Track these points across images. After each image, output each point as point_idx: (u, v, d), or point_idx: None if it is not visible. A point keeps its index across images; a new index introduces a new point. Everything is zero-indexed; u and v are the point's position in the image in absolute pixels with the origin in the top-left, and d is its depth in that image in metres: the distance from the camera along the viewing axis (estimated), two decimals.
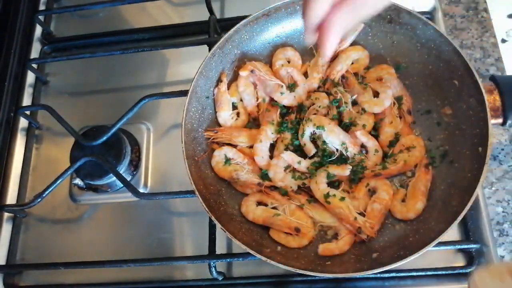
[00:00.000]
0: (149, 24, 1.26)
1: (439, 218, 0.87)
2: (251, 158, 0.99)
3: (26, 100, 1.23)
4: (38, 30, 1.31)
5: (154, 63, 1.23)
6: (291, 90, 1.02)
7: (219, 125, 1.04)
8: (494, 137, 1.04)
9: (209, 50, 1.00)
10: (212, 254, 0.94)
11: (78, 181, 1.07)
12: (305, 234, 0.91)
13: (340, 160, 0.96)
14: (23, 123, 1.20)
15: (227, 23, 1.13)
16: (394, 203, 0.93)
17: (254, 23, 1.03)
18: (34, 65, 1.25)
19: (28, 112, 1.20)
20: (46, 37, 1.31)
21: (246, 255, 0.92)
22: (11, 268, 1.06)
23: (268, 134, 0.99)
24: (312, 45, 1.04)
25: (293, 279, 0.94)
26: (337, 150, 0.96)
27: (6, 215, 1.10)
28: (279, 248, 0.91)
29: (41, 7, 1.34)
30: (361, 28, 1.03)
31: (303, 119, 0.98)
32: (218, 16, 1.22)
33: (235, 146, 1.01)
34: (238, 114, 1.05)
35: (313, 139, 0.98)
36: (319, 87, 1.05)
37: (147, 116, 1.15)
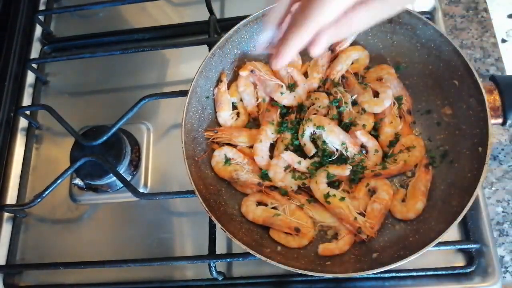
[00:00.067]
0: (149, 24, 1.26)
1: (439, 218, 0.86)
2: (251, 158, 0.99)
3: (26, 100, 1.23)
4: (38, 30, 1.31)
5: (154, 63, 1.22)
6: (291, 90, 1.02)
7: (219, 125, 1.04)
8: (494, 137, 1.04)
9: (209, 50, 1.00)
10: (212, 254, 0.94)
11: (78, 181, 1.07)
12: (305, 234, 0.91)
13: (340, 160, 0.96)
14: (23, 123, 1.20)
15: (227, 23, 1.13)
16: (394, 203, 0.93)
17: (254, 23, 1.02)
18: (34, 65, 1.25)
19: (28, 112, 1.20)
20: (46, 37, 1.31)
21: (246, 255, 0.92)
22: (11, 268, 1.05)
23: (268, 134, 0.99)
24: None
25: (293, 279, 0.94)
26: (337, 150, 0.96)
27: (6, 215, 1.10)
28: (279, 248, 0.91)
29: (41, 7, 1.34)
30: None
31: (303, 119, 0.98)
32: (218, 16, 1.22)
33: (235, 146, 1.01)
34: (238, 114, 1.05)
35: (313, 139, 0.98)
36: (319, 87, 1.05)
37: (147, 116, 1.15)
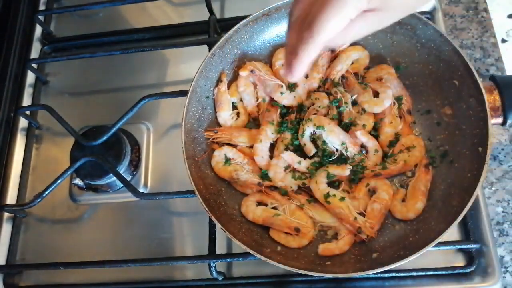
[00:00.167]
0: (149, 24, 1.26)
1: (439, 218, 0.86)
2: (251, 158, 0.99)
3: (26, 100, 1.23)
4: (38, 30, 1.31)
5: (154, 63, 1.22)
6: (291, 90, 1.02)
7: (219, 125, 1.03)
8: (494, 137, 1.04)
9: (209, 50, 1.00)
10: (212, 254, 0.94)
11: (78, 181, 1.07)
12: (305, 234, 0.91)
13: (340, 160, 0.96)
14: (23, 123, 1.20)
15: (227, 23, 1.13)
16: (394, 203, 0.93)
17: (254, 23, 1.03)
18: (34, 65, 1.25)
19: (28, 112, 1.20)
20: (46, 37, 1.31)
21: (246, 255, 0.92)
22: (11, 268, 1.05)
23: (268, 134, 0.99)
24: None
25: (293, 279, 0.94)
26: (337, 150, 0.96)
27: (6, 215, 1.10)
28: (279, 248, 0.91)
29: (41, 7, 1.34)
30: None
31: (303, 119, 0.98)
32: (218, 16, 1.22)
33: (235, 146, 1.01)
34: (238, 114, 1.05)
35: (313, 139, 0.98)
36: (319, 87, 1.04)
37: (147, 116, 1.15)
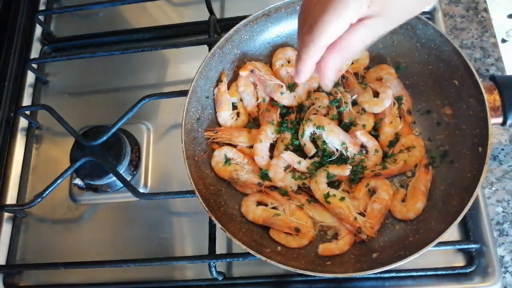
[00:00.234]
0: (149, 24, 1.26)
1: (439, 218, 0.86)
2: (251, 158, 0.99)
3: (26, 100, 1.23)
4: (38, 30, 1.31)
5: (154, 63, 1.22)
6: (291, 90, 1.02)
7: (219, 125, 1.03)
8: (494, 137, 1.04)
9: (209, 50, 1.00)
10: (212, 254, 0.94)
11: (78, 181, 1.07)
12: (305, 234, 0.91)
13: (340, 160, 0.96)
14: (23, 123, 1.20)
15: (227, 23, 1.13)
16: (394, 203, 0.93)
17: (254, 23, 1.03)
18: (34, 65, 1.25)
19: (28, 112, 1.20)
20: (46, 37, 1.31)
21: (246, 255, 0.92)
22: (11, 268, 1.05)
23: (268, 134, 0.99)
24: None
25: (293, 279, 0.94)
26: (337, 150, 0.96)
27: (6, 215, 1.10)
28: (279, 248, 0.91)
29: (41, 7, 1.34)
30: None
31: (303, 119, 0.98)
32: (218, 16, 1.22)
33: (235, 146, 1.01)
34: (238, 114, 1.05)
35: (313, 139, 0.98)
36: (319, 87, 1.04)
37: (147, 116, 1.15)
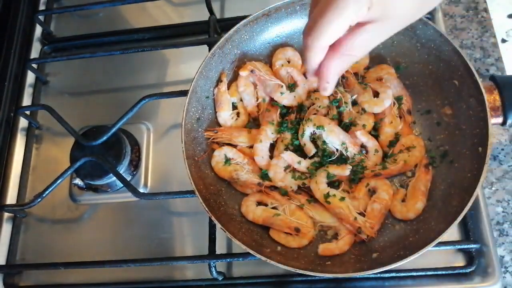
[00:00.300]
0: (149, 24, 1.26)
1: (439, 218, 0.86)
2: (251, 158, 0.99)
3: (26, 100, 1.23)
4: (38, 30, 1.31)
5: (154, 63, 1.22)
6: (291, 90, 1.02)
7: (219, 125, 1.03)
8: (494, 137, 1.04)
9: (209, 50, 1.00)
10: (212, 254, 0.94)
11: (78, 181, 1.07)
12: (305, 234, 0.91)
13: (340, 160, 0.96)
14: (23, 123, 1.20)
15: (227, 23, 1.13)
16: (394, 203, 0.93)
17: (254, 23, 1.03)
18: (34, 65, 1.24)
19: (28, 112, 1.20)
20: (46, 37, 1.31)
21: (246, 255, 0.92)
22: (11, 268, 1.05)
23: (268, 134, 0.99)
24: None
25: (293, 279, 0.94)
26: (337, 150, 0.96)
27: (6, 215, 1.10)
28: (279, 248, 0.91)
29: (41, 7, 1.34)
30: None
31: (303, 119, 0.98)
32: (218, 16, 1.22)
33: (235, 146, 1.01)
34: (238, 114, 1.05)
35: (313, 139, 0.98)
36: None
37: (147, 116, 1.15)
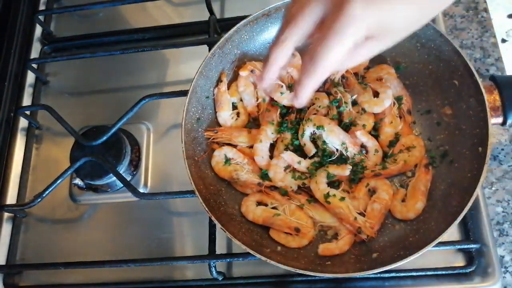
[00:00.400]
0: (149, 24, 1.26)
1: (439, 218, 0.86)
2: (251, 158, 0.99)
3: (26, 100, 1.23)
4: (38, 30, 1.31)
5: (154, 63, 1.22)
6: (291, 90, 1.02)
7: (219, 125, 1.03)
8: (494, 137, 1.04)
9: (209, 50, 1.00)
10: (212, 254, 0.94)
11: (78, 181, 1.07)
12: (305, 234, 0.91)
13: (340, 160, 0.96)
14: (23, 123, 1.20)
15: (227, 23, 1.13)
16: (394, 203, 0.93)
17: (254, 23, 1.03)
18: (34, 65, 1.24)
19: (28, 112, 1.20)
20: (46, 37, 1.31)
21: (246, 255, 0.92)
22: (11, 268, 1.05)
23: (268, 134, 0.99)
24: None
25: (293, 279, 0.94)
26: (337, 150, 0.96)
27: (6, 215, 1.10)
28: (279, 248, 0.91)
29: (41, 7, 1.34)
30: None
31: (303, 119, 0.98)
32: (218, 16, 1.22)
33: (235, 146, 1.01)
34: (238, 114, 1.05)
35: (313, 139, 0.98)
36: (319, 87, 1.04)
37: (147, 116, 1.15)
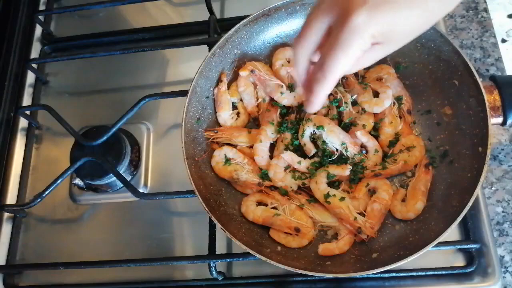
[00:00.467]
0: (149, 24, 1.26)
1: (439, 218, 0.86)
2: (251, 158, 0.99)
3: (26, 100, 1.23)
4: (38, 30, 1.31)
5: (154, 63, 1.22)
6: (291, 90, 1.02)
7: (219, 125, 1.03)
8: (494, 137, 1.04)
9: (209, 50, 1.00)
10: (212, 254, 0.94)
11: (78, 181, 1.07)
12: (305, 234, 0.91)
13: (340, 160, 0.96)
14: (23, 123, 1.20)
15: (227, 23, 1.13)
16: (394, 203, 0.93)
17: (254, 23, 1.03)
18: (34, 65, 1.24)
19: (28, 112, 1.20)
20: (46, 37, 1.30)
21: (246, 255, 0.92)
22: (11, 268, 1.05)
23: (268, 134, 0.99)
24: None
25: (293, 279, 0.94)
26: (337, 150, 0.96)
27: (6, 215, 1.10)
28: (279, 248, 0.91)
29: (41, 7, 1.34)
30: None
31: (303, 119, 0.98)
32: (218, 16, 1.22)
33: (235, 146, 1.01)
34: (238, 114, 1.05)
35: (313, 139, 0.98)
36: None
37: (147, 116, 1.15)
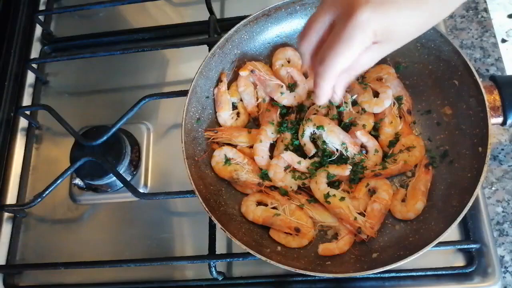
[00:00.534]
0: (149, 24, 1.26)
1: (439, 218, 0.86)
2: (251, 158, 0.99)
3: (26, 100, 1.23)
4: (38, 30, 1.31)
5: (154, 63, 1.22)
6: (291, 90, 1.02)
7: (219, 125, 1.04)
8: (494, 137, 1.04)
9: (209, 50, 1.00)
10: (212, 254, 0.94)
11: (78, 181, 1.07)
12: (305, 234, 0.91)
13: (340, 160, 0.96)
14: (23, 123, 1.20)
15: (227, 23, 1.13)
16: (394, 203, 0.93)
17: (254, 23, 1.03)
18: (34, 65, 1.24)
19: (28, 112, 1.20)
20: (46, 37, 1.31)
21: (246, 255, 0.92)
22: (11, 268, 1.05)
23: (268, 134, 0.99)
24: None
25: (293, 279, 0.94)
26: (337, 150, 0.96)
27: (6, 215, 1.10)
28: (279, 248, 0.91)
29: (41, 7, 1.34)
30: None
31: (303, 119, 0.98)
32: (218, 16, 1.22)
33: (235, 146, 1.01)
34: (238, 114, 1.05)
35: (313, 139, 0.98)
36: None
37: (147, 116, 1.15)
